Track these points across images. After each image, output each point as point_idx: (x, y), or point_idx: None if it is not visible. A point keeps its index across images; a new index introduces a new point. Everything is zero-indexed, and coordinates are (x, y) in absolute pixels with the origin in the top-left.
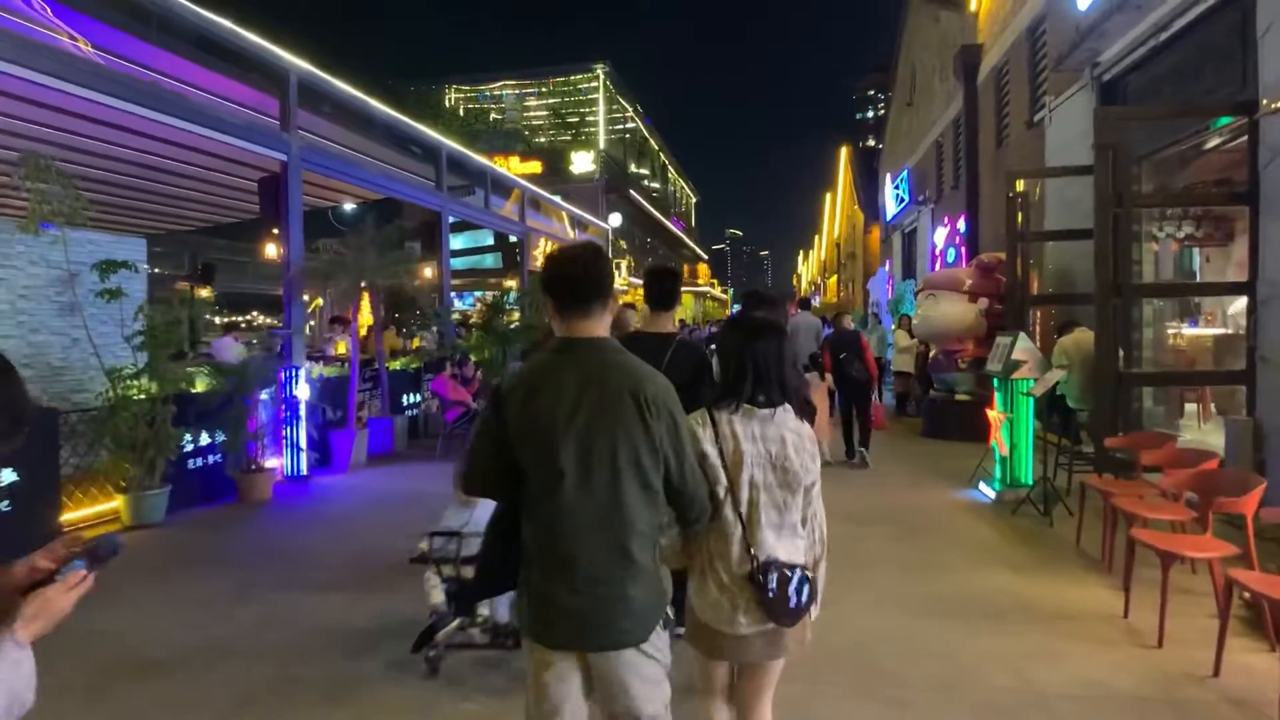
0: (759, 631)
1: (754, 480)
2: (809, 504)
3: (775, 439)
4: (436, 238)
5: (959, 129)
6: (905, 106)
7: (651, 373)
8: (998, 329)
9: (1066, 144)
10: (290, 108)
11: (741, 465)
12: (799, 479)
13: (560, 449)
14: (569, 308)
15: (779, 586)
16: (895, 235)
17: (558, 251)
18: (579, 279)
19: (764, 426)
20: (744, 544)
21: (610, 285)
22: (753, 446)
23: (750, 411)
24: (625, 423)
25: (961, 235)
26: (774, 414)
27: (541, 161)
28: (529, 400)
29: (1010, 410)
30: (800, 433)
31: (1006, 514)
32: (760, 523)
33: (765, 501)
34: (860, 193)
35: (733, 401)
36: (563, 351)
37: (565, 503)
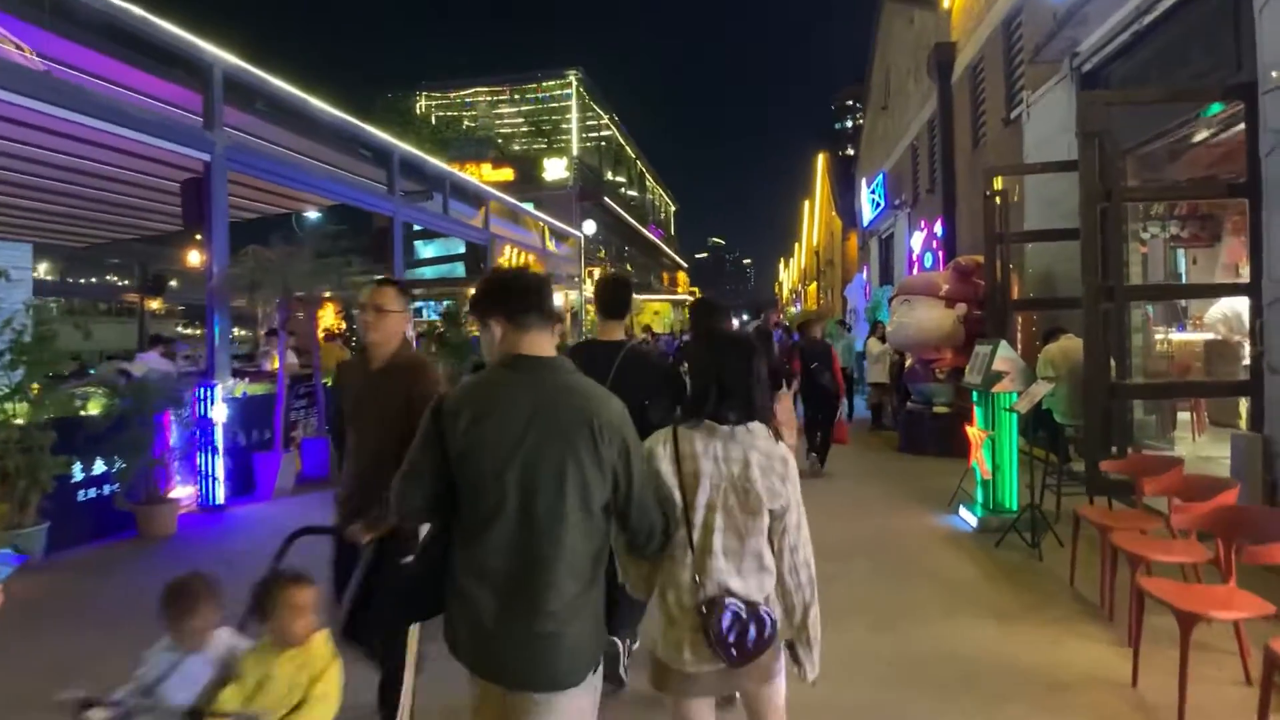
0: (710, 670)
1: (710, 503)
2: (784, 534)
3: (738, 459)
4: (388, 245)
5: (934, 130)
6: (880, 110)
7: (606, 396)
8: (977, 337)
9: (1045, 140)
10: (214, 103)
11: (697, 487)
12: (761, 502)
13: (503, 474)
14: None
15: (728, 623)
16: (872, 241)
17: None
18: (515, 294)
19: (727, 445)
20: (694, 571)
21: (549, 301)
22: (712, 466)
23: (712, 429)
24: (576, 450)
25: (939, 239)
26: (738, 432)
27: (513, 169)
28: (474, 421)
29: (992, 427)
30: (770, 453)
31: (990, 545)
32: (714, 549)
33: (722, 526)
34: (838, 199)
35: (696, 418)
36: (510, 369)
37: (503, 530)
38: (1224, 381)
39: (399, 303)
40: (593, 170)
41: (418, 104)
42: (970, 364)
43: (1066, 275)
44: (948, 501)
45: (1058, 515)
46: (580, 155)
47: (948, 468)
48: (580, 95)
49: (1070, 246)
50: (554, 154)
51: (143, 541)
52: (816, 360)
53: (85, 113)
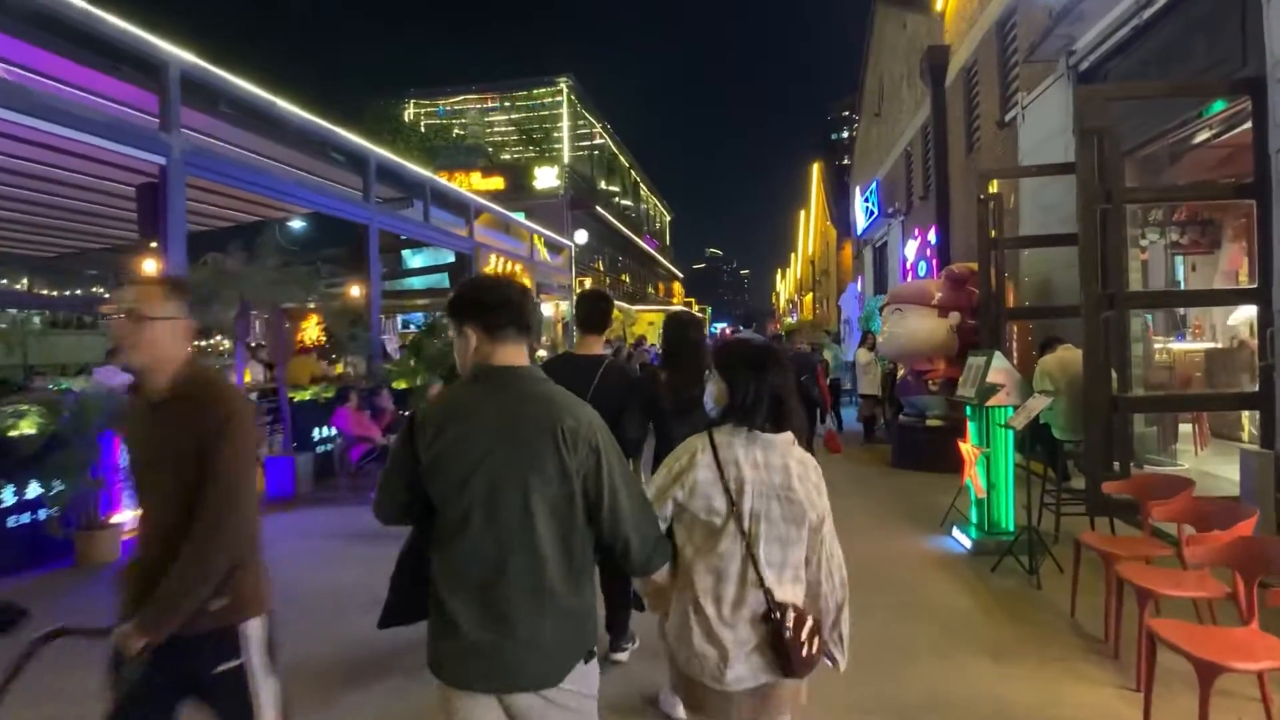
0: (751, 689)
1: (754, 511)
2: (820, 544)
3: (779, 467)
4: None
5: (927, 136)
6: (874, 117)
7: (574, 405)
8: (971, 347)
9: (1041, 143)
10: (171, 104)
11: (743, 493)
12: (804, 511)
13: (469, 485)
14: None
15: (794, 628)
16: (866, 250)
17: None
18: (493, 305)
19: (767, 453)
20: (745, 581)
21: (527, 314)
22: (755, 473)
23: (753, 436)
24: (540, 459)
25: (933, 247)
26: (777, 440)
27: (504, 177)
28: (441, 432)
29: (986, 444)
30: (805, 462)
31: (985, 570)
32: (761, 559)
33: (767, 535)
34: (832, 208)
35: (740, 425)
36: (479, 380)
37: (472, 541)
38: (1232, 394)
39: (170, 306)
40: (585, 179)
41: (407, 111)
42: (963, 376)
43: (1064, 283)
44: (940, 521)
45: (1056, 537)
46: (572, 164)
47: (941, 484)
48: (572, 103)
49: (1068, 253)
50: (545, 162)
51: (79, 571)
52: (804, 372)
53: (24, 112)
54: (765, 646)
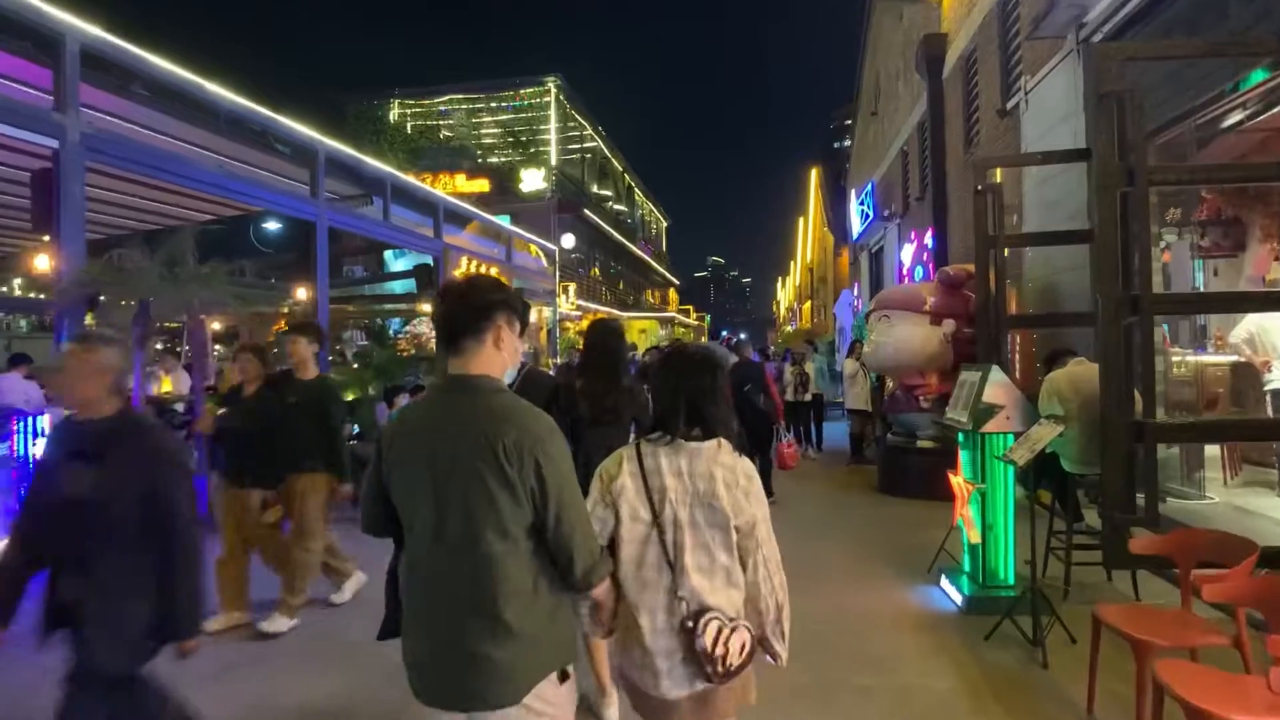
0: (690, 695)
1: (678, 519)
2: (755, 547)
3: (703, 474)
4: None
5: (924, 133)
6: (870, 117)
7: (520, 417)
8: (967, 359)
9: (1047, 131)
10: (67, 81)
11: (665, 501)
12: (726, 517)
13: (418, 496)
14: (442, 344)
15: (714, 637)
16: (862, 255)
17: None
18: (448, 315)
19: (692, 460)
20: (670, 590)
21: (489, 321)
22: (677, 482)
23: (677, 445)
24: (481, 471)
25: (930, 251)
26: (703, 448)
27: (489, 179)
28: (399, 441)
29: (982, 478)
30: (735, 468)
31: (978, 637)
32: (688, 566)
33: (693, 542)
34: (829, 213)
35: (663, 434)
36: (441, 390)
37: (424, 554)
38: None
39: None
40: (574, 183)
41: (391, 112)
42: (954, 395)
43: (1072, 287)
44: (928, 566)
45: (1067, 591)
46: (561, 167)
47: (932, 515)
48: (560, 103)
49: (1077, 252)
50: (532, 164)
51: None
52: (749, 382)
53: None
54: (691, 655)
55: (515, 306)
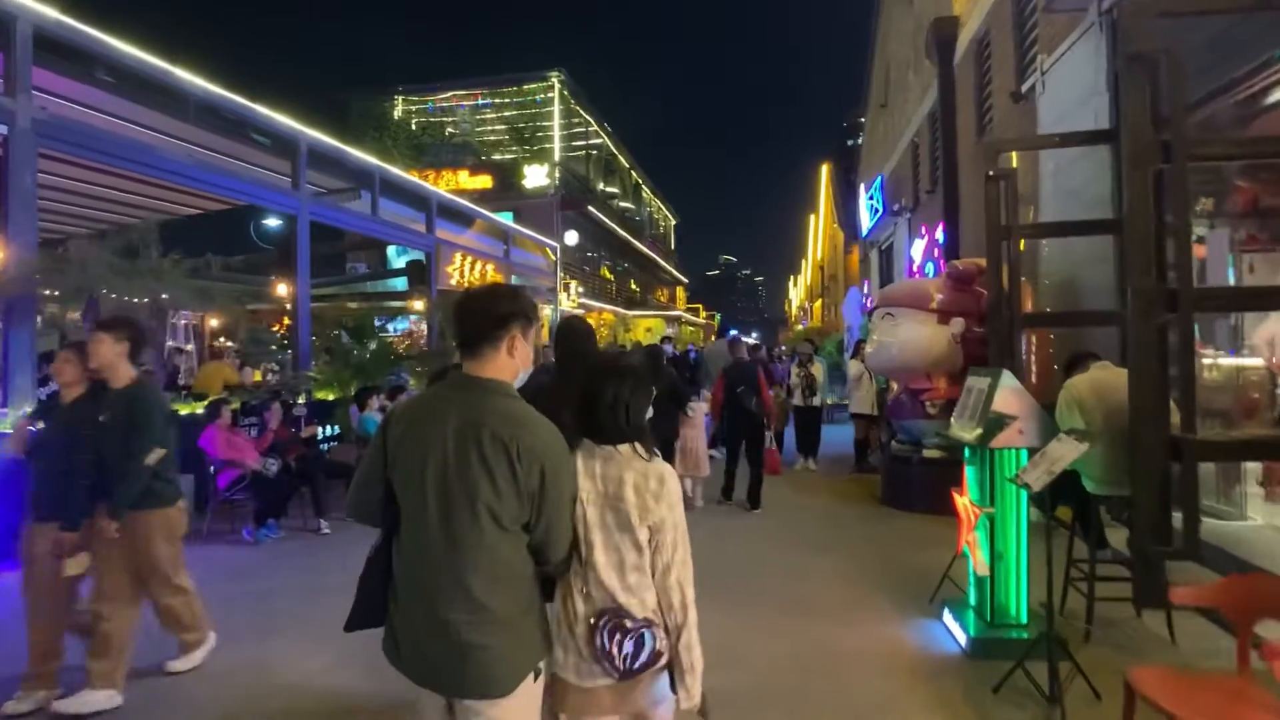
0: (608, 685)
1: (588, 519)
2: (658, 550)
3: (614, 478)
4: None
5: (935, 122)
6: (880, 109)
7: (536, 424)
8: (978, 361)
9: (1065, 114)
10: (18, 64)
11: (579, 501)
12: (631, 520)
13: (425, 484)
14: (461, 347)
15: (612, 636)
16: (872, 252)
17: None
18: (466, 320)
19: (606, 464)
20: (582, 586)
21: (506, 330)
22: (590, 483)
23: (591, 449)
24: (492, 469)
25: (941, 246)
26: (616, 451)
27: (492, 176)
28: (408, 430)
29: (991, 500)
30: (646, 472)
31: (985, 689)
32: (598, 564)
33: (604, 543)
34: (840, 210)
35: (578, 438)
36: (452, 387)
37: (424, 539)
38: None
39: None
40: (579, 179)
41: (396, 109)
42: (960, 403)
43: (1095, 283)
44: (930, 596)
45: (1089, 632)
46: (566, 163)
47: (938, 532)
48: (564, 99)
49: (1100, 245)
50: (535, 160)
51: None
52: (742, 383)
53: None
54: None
55: (530, 316)
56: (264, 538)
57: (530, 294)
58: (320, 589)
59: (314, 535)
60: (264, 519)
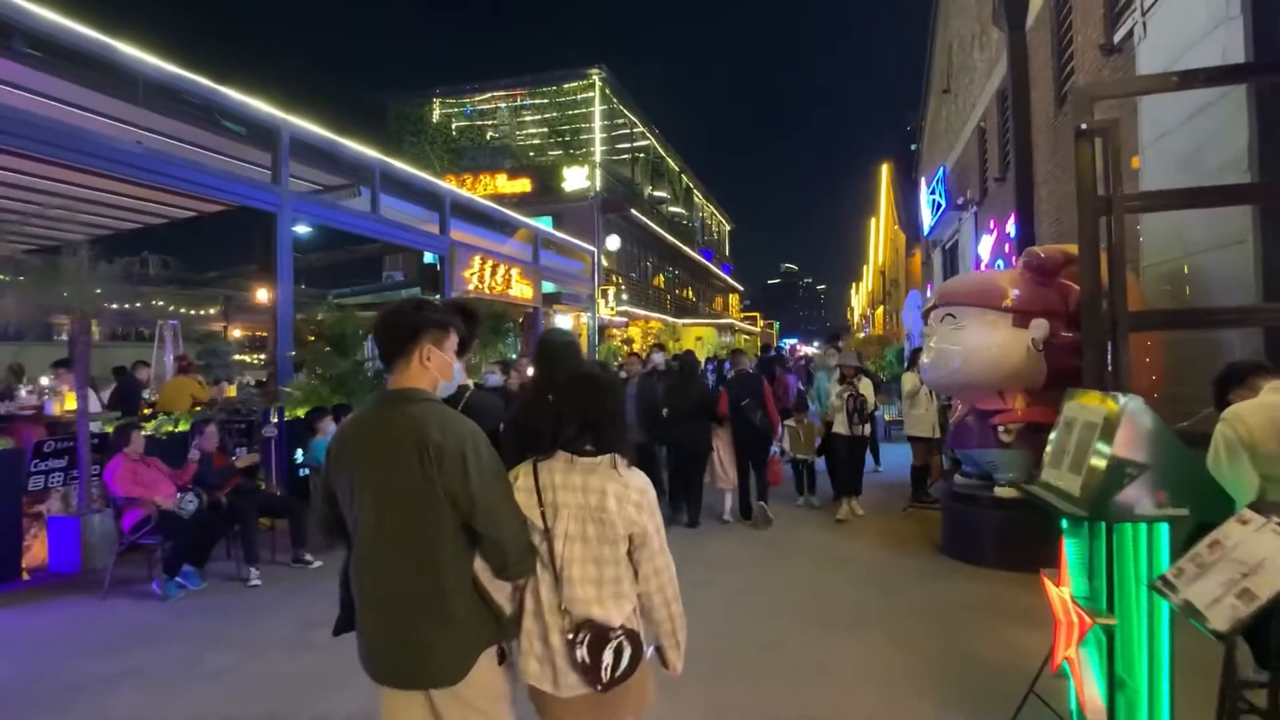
0: (584, 695)
1: (569, 532)
2: (647, 558)
3: (596, 489)
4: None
5: (1004, 101)
6: (942, 95)
7: (444, 421)
8: (1067, 373)
9: (1177, 59)
10: None
11: (558, 515)
12: (615, 530)
13: (354, 497)
14: (383, 364)
15: (591, 649)
16: (935, 253)
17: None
18: (379, 337)
19: (586, 476)
20: (557, 599)
21: (414, 341)
22: (570, 496)
23: (572, 461)
24: (410, 473)
25: (1012, 241)
26: (598, 464)
27: (531, 179)
28: (340, 447)
29: (1109, 602)
30: (627, 483)
31: None
32: (575, 577)
33: (583, 555)
34: (900, 210)
35: (557, 449)
36: (376, 402)
37: (364, 547)
38: None
39: None
40: (624, 182)
41: (434, 112)
42: (1054, 442)
43: (1221, 272)
44: (1012, 713)
45: None
46: (610, 165)
47: (1016, 600)
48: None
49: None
50: (574, 162)
51: None
52: (746, 395)
53: None
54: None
55: (444, 324)
56: (174, 592)
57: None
58: (201, 673)
59: (241, 587)
60: (176, 568)
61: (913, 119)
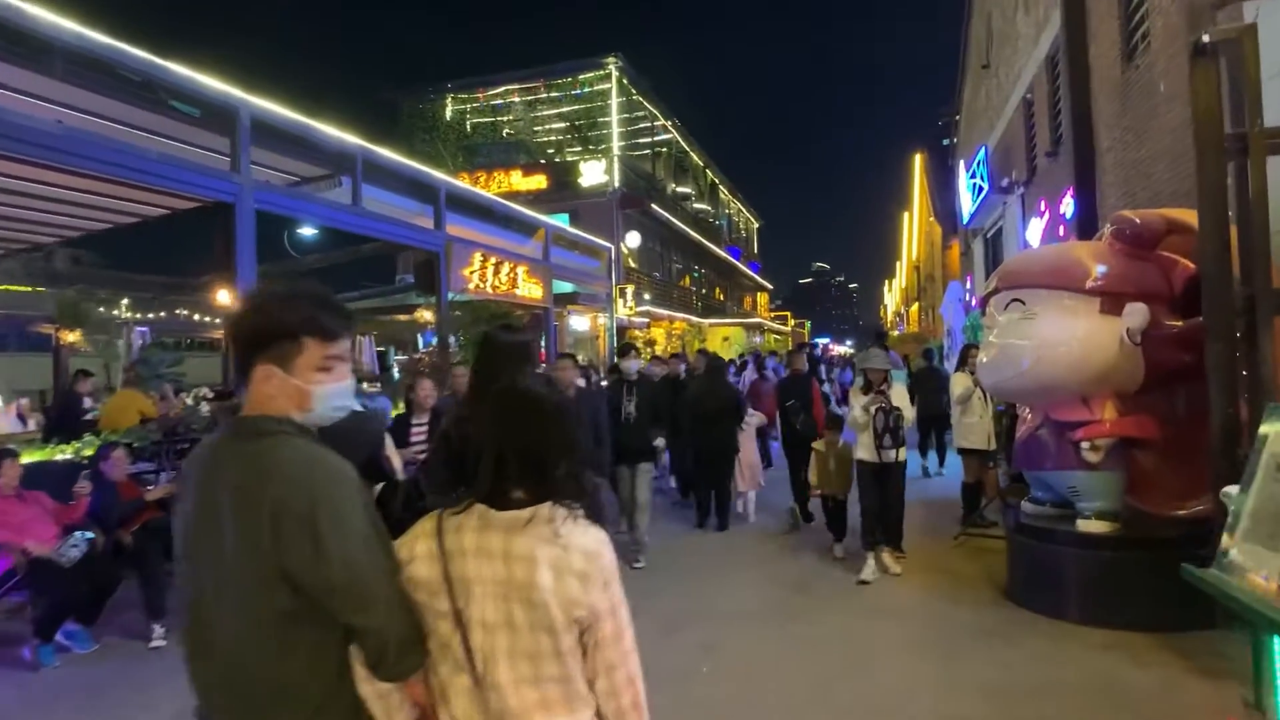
0: None
1: (488, 619)
2: (596, 649)
3: (522, 555)
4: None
5: (1055, 66)
6: (981, 72)
7: (288, 467)
8: (1177, 373)
9: None
10: None
11: (471, 595)
12: (551, 615)
13: (186, 558)
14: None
15: None
16: (976, 242)
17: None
18: (230, 344)
19: (508, 537)
20: (479, 709)
21: (255, 355)
22: (489, 567)
23: (487, 517)
24: (235, 537)
25: (1068, 222)
26: (524, 516)
27: (547, 175)
28: (183, 489)
29: None
30: (568, 546)
31: None
32: (501, 682)
33: (510, 649)
34: (936, 201)
35: (465, 500)
36: (220, 431)
37: (192, 621)
38: None
39: None
40: (644, 177)
41: (446, 108)
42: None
43: None
44: None
45: None
46: (629, 160)
47: (1115, 675)
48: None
49: None
50: (591, 156)
51: None
52: (793, 397)
53: None
54: None
55: (301, 331)
56: (49, 660)
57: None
58: None
59: (142, 649)
60: (53, 629)
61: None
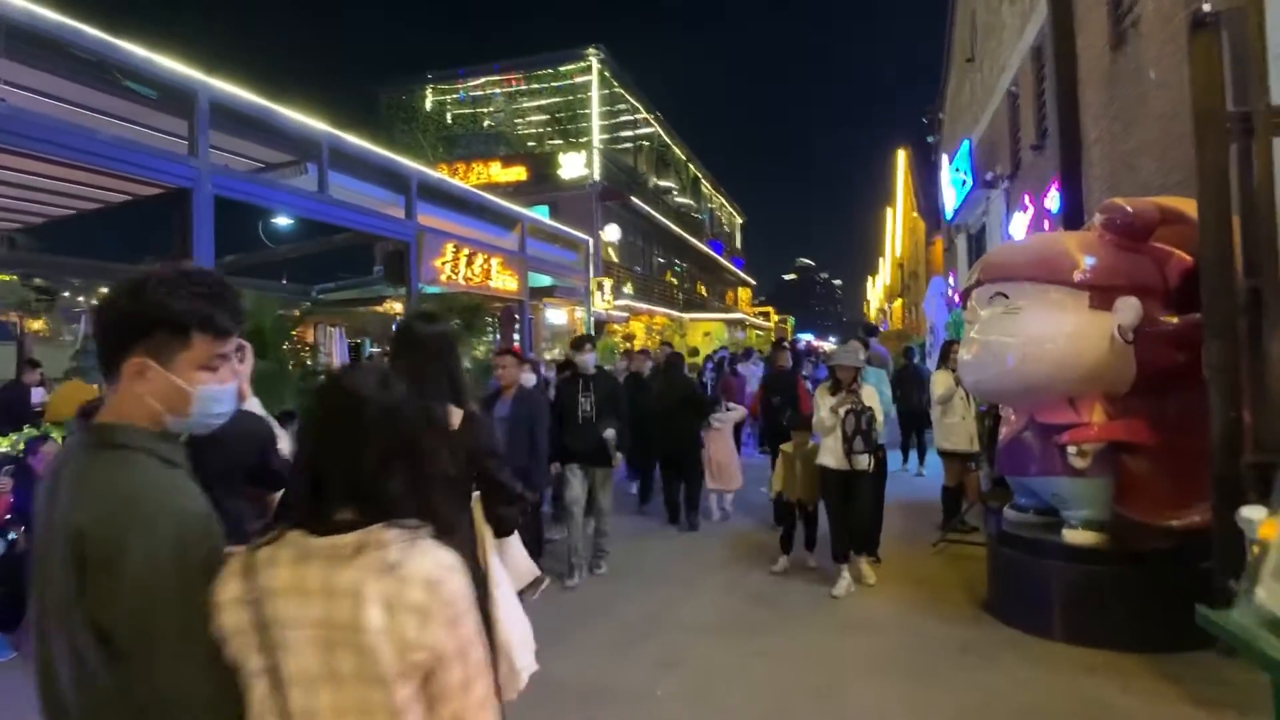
0: None
1: (307, 671)
2: (443, 701)
3: (345, 591)
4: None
5: (1041, 56)
6: (965, 65)
7: (106, 490)
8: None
9: None
10: None
11: (283, 644)
12: (381, 662)
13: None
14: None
15: None
16: (959, 238)
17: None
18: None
19: (329, 569)
20: None
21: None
22: (303, 607)
23: (305, 547)
24: (61, 571)
25: (1054, 217)
26: (348, 544)
27: (526, 167)
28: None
29: None
30: (405, 577)
31: None
32: None
33: (335, 706)
34: (919, 197)
35: (280, 526)
36: (73, 444)
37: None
38: None
39: None
40: (626, 170)
41: (426, 100)
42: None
43: None
44: None
45: None
46: (611, 154)
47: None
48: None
49: None
50: (571, 148)
51: None
52: (779, 394)
53: None
54: None
55: (185, 322)
56: None
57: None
58: None
59: None
60: None
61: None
